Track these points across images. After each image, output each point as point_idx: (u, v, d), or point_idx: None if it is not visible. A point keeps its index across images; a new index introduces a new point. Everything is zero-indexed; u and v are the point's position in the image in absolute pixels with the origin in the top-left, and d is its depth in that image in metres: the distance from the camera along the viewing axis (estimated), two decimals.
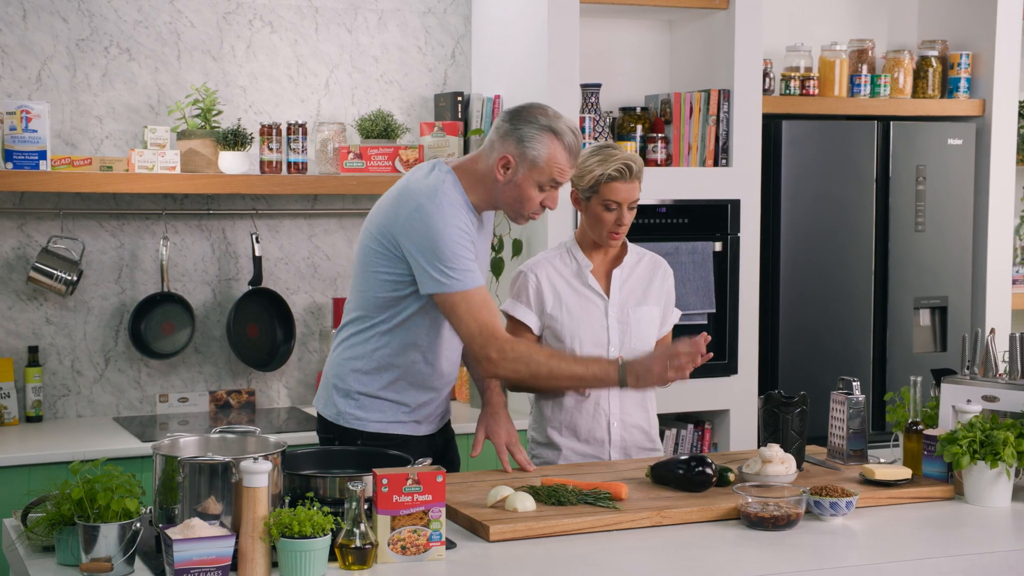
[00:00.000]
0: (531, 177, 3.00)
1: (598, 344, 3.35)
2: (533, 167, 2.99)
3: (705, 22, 4.72)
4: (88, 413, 4.37)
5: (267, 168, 4.30)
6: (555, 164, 3.00)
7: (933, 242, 4.94)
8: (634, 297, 3.41)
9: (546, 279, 3.37)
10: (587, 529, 2.67)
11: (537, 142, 2.98)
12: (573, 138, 3.01)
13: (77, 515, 2.36)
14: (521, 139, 2.98)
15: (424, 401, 3.17)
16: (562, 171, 3.01)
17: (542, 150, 2.98)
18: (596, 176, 3.26)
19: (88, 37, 4.31)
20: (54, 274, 4.15)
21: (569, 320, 3.35)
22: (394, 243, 3.00)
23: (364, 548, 2.38)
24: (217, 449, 2.61)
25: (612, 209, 3.28)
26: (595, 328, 3.36)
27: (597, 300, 3.38)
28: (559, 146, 2.99)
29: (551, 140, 2.98)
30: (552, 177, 3.01)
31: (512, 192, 3.02)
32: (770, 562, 2.50)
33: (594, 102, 4.57)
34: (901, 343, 4.90)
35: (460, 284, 2.95)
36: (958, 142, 4.97)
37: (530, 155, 2.98)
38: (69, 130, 4.29)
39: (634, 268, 3.44)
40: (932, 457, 3.03)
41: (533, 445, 3.45)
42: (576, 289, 3.38)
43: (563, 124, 3.01)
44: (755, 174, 4.62)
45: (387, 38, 4.67)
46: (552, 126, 2.99)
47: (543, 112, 3.02)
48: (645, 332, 3.40)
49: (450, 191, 3.01)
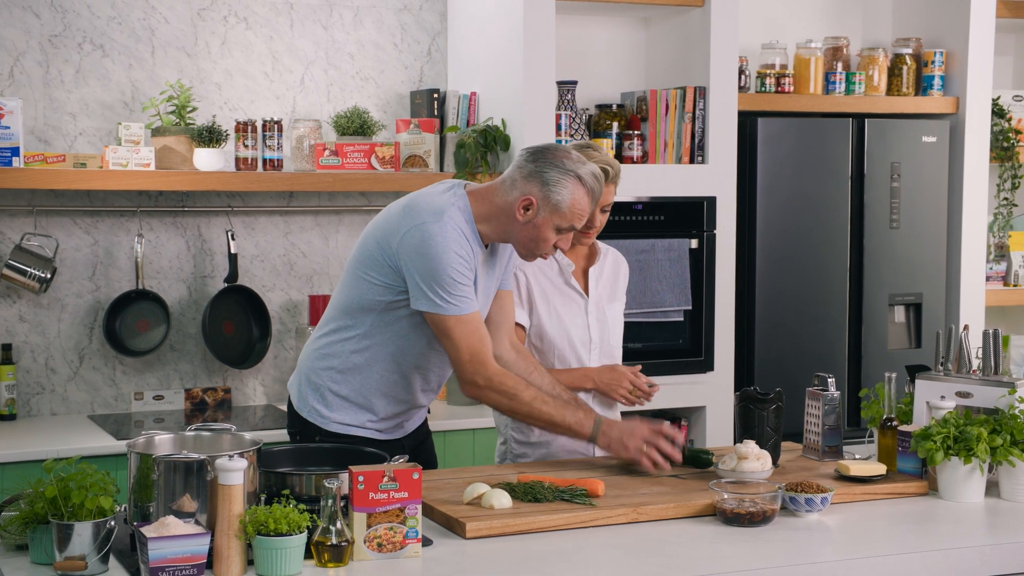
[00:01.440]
0: (551, 220, 2.98)
1: (582, 342, 3.38)
2: (555, 211, 2.97)
3: (681, 19, 4.73)
4: (62, 411, 4.34)
5: (242, 165, 4.28)
6: (577, 210, 2.98)
7: (908, 239, 4.96)
8: (607, 294, 3.46)
9: (533, 278, 3.38)
10: (563, 526, 2.67)
11: (562, 187, 2.95)
12: (596, 184, 2.99)
13: (51, 513, 2.34)
14: (546, 183, 2.95)
15: (394, 412, 3.14)
16: (583, 217, 3.00)
17: (567, 196, 2.95)
18: None
19: (61, 33, 4.28)
20: (27, 271, 4.13)
21: (555, 320, 3.37)
22: (391, 253, 2.98)
23: (340, 545, 2.38)
24: (192, 447, 2.60)
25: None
26: (578, 326, 3.39)
27: (578, 299, 3.40)
28: (583, 192, 2.97)
29: (576, 186, 2.96)
30: (572, 223, 3.00)
31: (529, 233, 3.00)
32: (746, 558, 2.51)
33: (570, 99, 4.57)
34: (876, 340, 4.93)
35: (455, 309, 2.93)
36: (932, 139, 4.99)
37: (554, 199, 2.95)
38: (42, 127, 4.27)
39: (604, 264, 3.48)
40: (906, 453, 3.04)
41: (514, 444, 3.45)
42: (559, 288, 3.39)
43: (587, 171, 2.98)
44: (731, 171, 4.64)
45: (363, 35, 4.66)
46: (578, 172, 2.96)
47: (568, 156, 2.99)
48: (616, 328, 3.46)
49: (456, 216, 2.97)
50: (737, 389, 4.58)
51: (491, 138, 4.40)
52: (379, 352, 3.07)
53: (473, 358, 2.97)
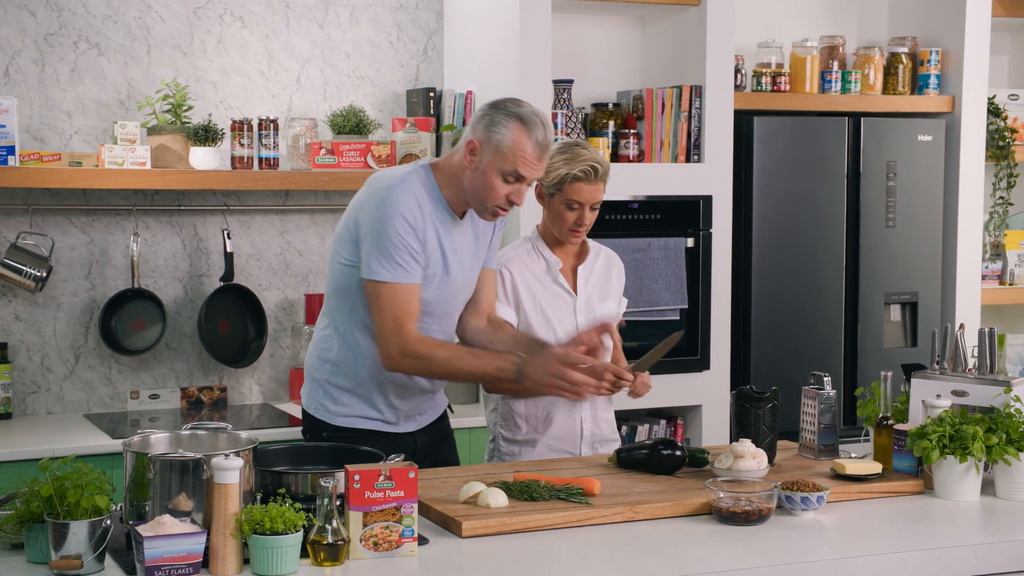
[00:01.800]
0: (495, 164, 2.95)
1: (569, 340, 3.37)
2: (497, 153, 2.95)
3: (677, 18, 4.73)
4: (58, 410, 4.34)
5: (238, 164, 4.28)
6: (520, 153, 2.94)
7: (903, 238, 4.97)
8: (597, 292, 3.46)
9: (519, 275, 3.38)
10: (559, 525, 2.67)
11: (503, 127, 2.94)
12: (543, 132, 2.96)
13: (47, 512, 2.34)
14: (488, 125, 2.96)
15: (397, 400, 3.14)
16: (526, 162, 2.95)
17: (507, 135, 2.94)
18: (561, 175, 3.28)
19: (57, 31, 4.27)
20: (23, 270, 4.12)
21: (542, 318, 3.37)
22: (355, 226, 3.01)
23: (336, 544, 2.38)
24: (188, 446, 2.60)
25: (574, 208, 3.31)
26: (566, 325, 3.39)
27: (566, 297, 3.41)
28: (525, 135, 2.94)
29: (518, 127, 2.94)
30: (516, 168, 2.95)
31: (477, 180, 2.99)
32: (741, 557, 2.51)
33: (566, 98, 4.57)
34: (872, 338, 4.93)
35: (390, 275, 2.94)
36: (928, 138, 5.00)
37: (495, 139, 2.94)
38: (38, 125, 4.26)
39: (595, 263, 3.48)
40: (902, 452, 3.04)
41: (503, 442, 3.45)
42: (547, 286, 3.40)
43: (534, 115, 2.96)
44: (727, 170, 4.64)
45: (359, 33, 4.66)
46: (520, 114, 2.95)
47: (517, 103, 2.99)
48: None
49: (415, 183, 2.99)
50: (733, 388, 4.57)
51: None
52: (360, 337, 3.08)
53: (395, 326, 2.96)
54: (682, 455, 3.06)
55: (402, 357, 2.98)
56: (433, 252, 3.03)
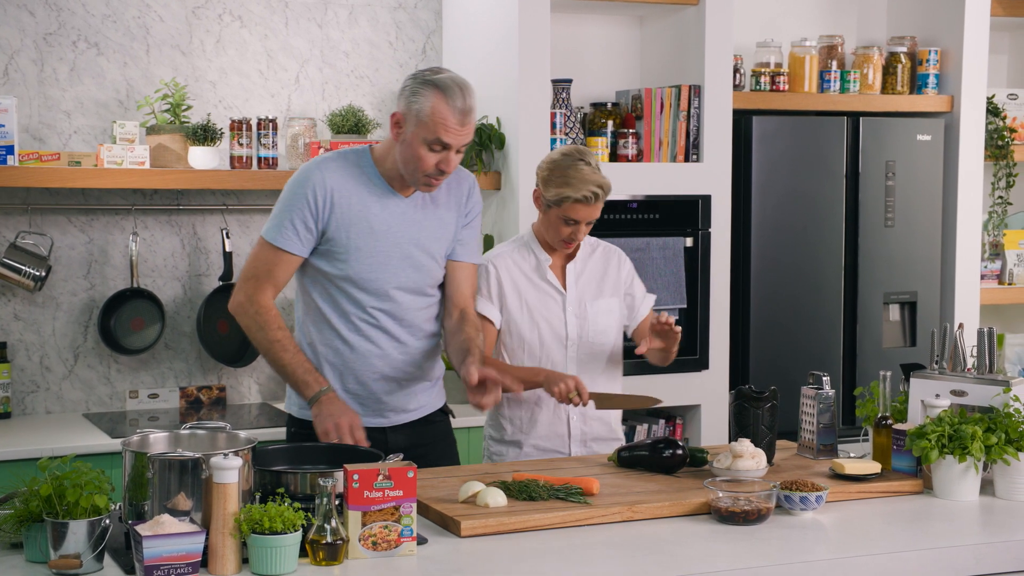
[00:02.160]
0: (419, 134, 2.94)
1: (557, 338, 3.38)
2: (419, 122, 2.93)
3: (676, 18, 4.73)
4: (57, 409, 4.34)
5: (237, 163, 4.28)
6: (440, 121, 2.91)
7: (902, 237, 4.97)
8: (590, 290, 3.44)
9: (505, 272, 3.38)
10: (558, 524, 2.67)
11: (421, 96, 2.93)
12: (460, 95, 2.92)
13: (46, 512, 2.34)
14: (409, 95, 2.95)
15: (357, 389, 3.13)
16: (448, 129, 2.92)
17: (425, 104, 2.92)
18: (563, 195, 3.27)
19: (56, 31, 4.27)
20: (22, 270, 4.12)
21: (529, 315, 3.37)
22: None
23: (335, 544, 2.38)
24: (187, 445, 2.60)
25: (570, 224, 3.32)
26: (554, 323, 3.38)
27: (555, 295, 3.40)
28: (443, 102, 2.91)
29: (436, 95, 2.92)
30: (438, 136, 2.92)
31: (405, 152, 2.98)
32: (740, 556, 2.51)
33: (565, 98, 4.57)
34: (871, 338, 4.93)
35: (272, 235, 3.02)
36: (927, 138, 5.00)
37: (415, 109, 2.93)
38: (37, 125, 4.26)
39: (587, 261, 3.46)
40: (901, 451, 3.04)
41: (491, 443, 3.46)
42: (535, 284, 3.40)
43: (449, 80, 2.94)
44: (726, 170, 4.64)
45: (357, 33, 4.66)
46: (437, 81, 2.93)
47: (436, 70, 2.98)
48: (603, 324, 3.43)
49: (335, 161, 3.04)
50: (732, 387, 4.58)
51: (486, 136, 4.40)
52: (312, 323, 3.13)
53: (255, 279, 3.02)
54: (683, 454, 3.06)
55: (244, 308, 3.04)
56: (356, 224, 3.03)
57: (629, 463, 3.11)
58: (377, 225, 3.04)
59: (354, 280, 3.05)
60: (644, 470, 3.07)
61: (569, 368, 3.40)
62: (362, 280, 3.06)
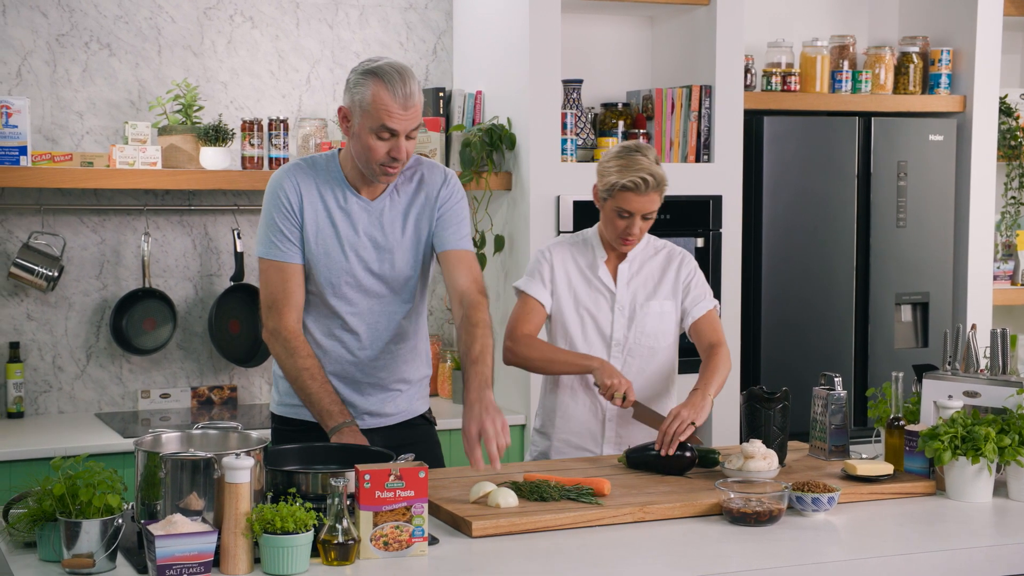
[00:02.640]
0: (365, 124, 2.92)
1: (602, 337, 3.35)
2: (364, 113, 2.92)
3: (687, 18, 4.73)
4: (70, 409, 4.35)
5: (248, 164, 4.29)
6: (381, 107, 2.89)
7: (914, 238, 4.96)
8: (644, 291, 3.38)
9: (560, 263, 3.36)
10: (569, 525, 2.67)
11: (361, 86, 2.91)
12: (400, 81, 2.89)
13: (59, 511, 2.35)
14: (351, 87, 2.95)
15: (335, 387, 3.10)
16: (391, 115, 2.89)
17: (367, 93, 2.90)
18: (612, 182, 3.24)
19: (68, 32, 4.28)
20: (35, 270, 4.14)
21: (576, 310, 3.35)
22: None
23: (347, 544, 2.38)
24: (199, 445, 2.60)
25: (624, 217, 3.26)
26: (600, 321, 3.36)
27: (605, 293, 3.37)
28: (383, 88, 2.89)
29: (375, 83, 2.90)
30: (382, 122, 2.90)
31: (356, 145, 2.97)
32: (752, 558, 2.50)
33: (576, 98, 4.57)
34: (883, 339, 4.92)
35: (265, 251, 3.04)
36: (939, 138, 4.99)
37: (357, 99, 2.92)
38: (49, 125, 4.27)
39: (646, 262, 3.41)
40: (914, 453, 3.04)
41: (534, 434, 3.46)
42: (588, 280, 3.37)
43: (388, 67, 2.92)
44: (737, 170, 4.63)
45: (368, 34, 4.66)
46: (375, 69, 2.91)
47: (374, 59, 2.96)
48: (655, 327, 3.37)
49: (300, 167, 3.05)
50: (743, 388, 4.58)
51: (497, 137, 4.40)
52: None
53: (274, 304, 3.01)
54: (692, 456, 3.06)
55: (273, 337, 3.02)
56: (322, 228, 3.02)
57: (638, 464, 3.10)
58: (342, 229, 3.03)
59: (318, 283, 3.05)
60: (653, 472, 3.07)
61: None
62: (324, 283, 3.05)
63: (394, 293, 3.11)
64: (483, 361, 2.89)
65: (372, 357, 3.11)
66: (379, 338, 3.11)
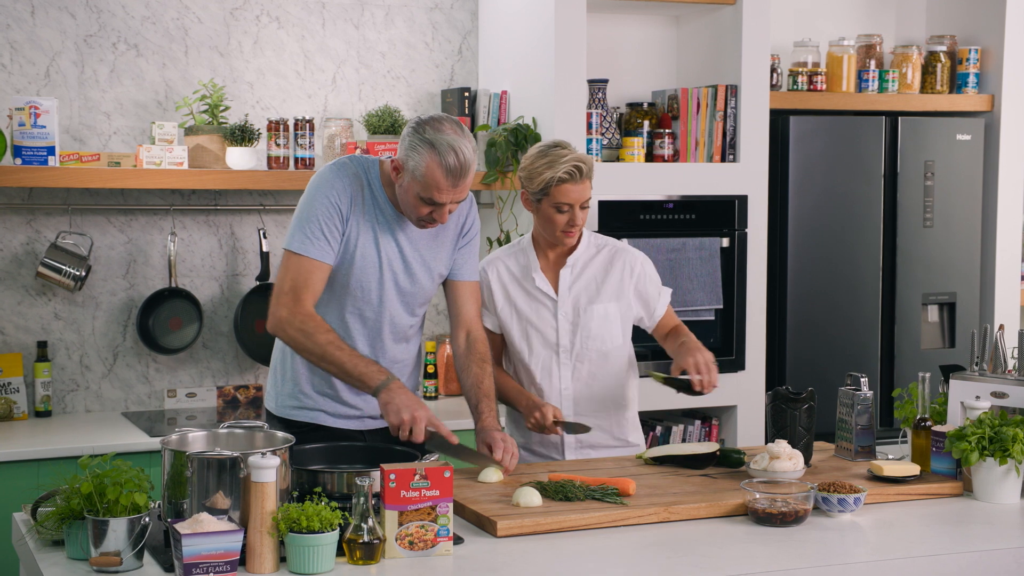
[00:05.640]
0: (413, 187, 2.94)
1: (548, 345, 3.30)
2: (413, 178, 2.93)
3: (712, 17, 4.71)
4: (96, 408, 4.38)
5: (274, 164, 4.30)
6: (431, 181, 2.90)
7: (941, 238, 4.93)
8: (586, 295, 3.32)
9: (496, 278, 3.32)
10: (594, 525, 2.67)
11: (417, 154, 2.92)
12: (455, 159, 2.89)
13: (86, 509, 2.36)
14: (408, 149, 2.94)
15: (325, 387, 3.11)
16: (439, 190, 2.92)
17: (421, 164, 2.91)
18: (545, 179, 3.18)
19: (96, 33, 4.31)
20: (63, 269, 4.16)
21: (518, 321, 3.31)
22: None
23: (372, 543, 2.39)
24: (225, 444, 2.61)
25: (564, 211, 3.21)
26: (544, 330, 3.30)
27: (546, 301, 3.31)
28: (436, 163, 2.89)
29: (430, 156, 2.90)
30: (430, 195, 2.93)
31: (402, 195, 2.99)
32: (778, 558, 2.50)
33: (601, 98, 4.57)
34: (909, 339, 4.90)
35: (298, 245, 2.98)
36: (967, 137, 4.96)
37: (411, 165, 2.93)
38: (77, 126, 4.30)
39: (588, 263, 3.34)
40: (941, 453, 3.02)
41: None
42: (526, 290, 3.32)
43: (446, 141, 2.90)
44: (762, 170, 4.62)
45: (394, 34, 4.67)
46: (432, 140, 2.90)
47: (437, 126, 2.93)
48: (600, 330, 3.31)
49: (351, 166, 3.04)
50: (769, 388, 4.57)
51: (522, 137, 4.40)
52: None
53: (292, 291, 2.96)
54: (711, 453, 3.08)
55: (287, 323, 2.97)
56: (360, 235, 3.03)
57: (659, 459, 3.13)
58: (383, 244, 3.05)
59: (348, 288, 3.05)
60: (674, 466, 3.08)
61: (563, 377, 3.30)
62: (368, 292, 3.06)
63: (416, 309, 3.17)
64: (493, 395, 3.16)
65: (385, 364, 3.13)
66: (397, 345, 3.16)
